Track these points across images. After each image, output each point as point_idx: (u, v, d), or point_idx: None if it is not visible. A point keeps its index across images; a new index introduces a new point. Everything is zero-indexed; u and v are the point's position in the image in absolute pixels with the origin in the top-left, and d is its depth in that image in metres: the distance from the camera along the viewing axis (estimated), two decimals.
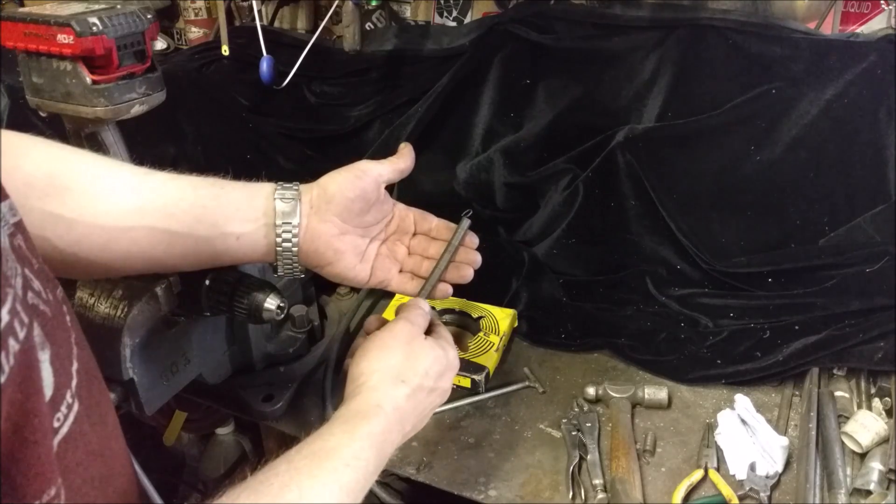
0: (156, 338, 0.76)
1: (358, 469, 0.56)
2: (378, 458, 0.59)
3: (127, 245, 0.62)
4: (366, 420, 0.60)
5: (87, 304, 0.73)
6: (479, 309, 1.05)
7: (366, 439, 0.59)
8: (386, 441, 0.61)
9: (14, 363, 0.35)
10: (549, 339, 1.04)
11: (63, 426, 0.41)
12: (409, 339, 0.69)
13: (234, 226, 0.66)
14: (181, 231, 0.64)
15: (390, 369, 0.66)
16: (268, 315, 0.75)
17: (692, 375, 0.95)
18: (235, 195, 0.67)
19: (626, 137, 1.12)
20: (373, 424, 0.60)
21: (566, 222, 1.15)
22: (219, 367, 0.90)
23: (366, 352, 0.68)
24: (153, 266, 0.67)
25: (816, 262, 1.03)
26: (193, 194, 0.66)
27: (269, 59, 1.21)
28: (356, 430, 0.59)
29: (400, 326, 0.70)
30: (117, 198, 0.62)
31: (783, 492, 0.79)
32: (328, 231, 0.69)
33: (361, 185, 0.70)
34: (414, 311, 0.72)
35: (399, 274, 0.78)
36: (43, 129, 1.22)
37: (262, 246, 0.68)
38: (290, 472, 0.53)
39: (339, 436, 0.58)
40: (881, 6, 1.06)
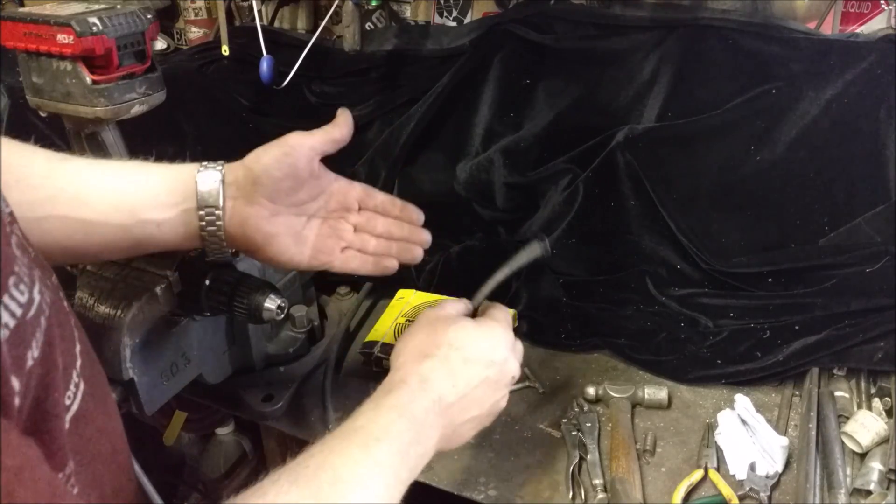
0: (156, 338, 0.76)
1: (391, 442, 0.55)
2: (413, 430, 0.57)
3: (40, 235, 0.59)
4: (390, 394, 0.59)
5: (87, 304, 0.73)
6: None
7: (392, 411, 0.57)
8: (417, 410, 0.59)
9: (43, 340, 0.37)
10: (549, 339, 1.04)
11: (73, 404, 0.42)
12: (433, 319, 0.67)
13: (153, 212, 0.63)
14: (97, 220, 0.61)
15: (413, 348, 0.65)
16: (268, 315, 0.75)
17: (692, 375, 0.95)
18: (154, 179, 0.64)
19: (626, 137, 1.12)
20: (397, 397, 0.59)
21: (566, 222, 1.15)
22: (219, 367, 0.90)
23: (397, 342, 0.67)
24: (72, 256, 0.64)
25: (816, 262, 1.03)
26: (111, 181, 0.63)
27: (269, 59, 1.21)
28: (381, 405, 0.58)
29: (425, 312, 0.69)
30: (27, 186, 0.60)
31: (783, 492, 0.79)
32: (256, 214, 0.65)
33: (290, 162, 0.66)
34: (443, 302, 0.70)
35: (343, 252, 0.73)
36: (43, 129, 1.22)
37: (185, 232, 0.64)
38: (323, 452, 0.53)
39: (367, 413, 0.57)
40: (881, 6, 1.06)
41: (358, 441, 0.54)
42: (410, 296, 1.10)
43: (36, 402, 0.37)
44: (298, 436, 0.91)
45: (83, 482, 0.43)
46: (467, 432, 0.65)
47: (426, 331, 0.66)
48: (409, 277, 1.14)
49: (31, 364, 0.35)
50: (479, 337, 0.66)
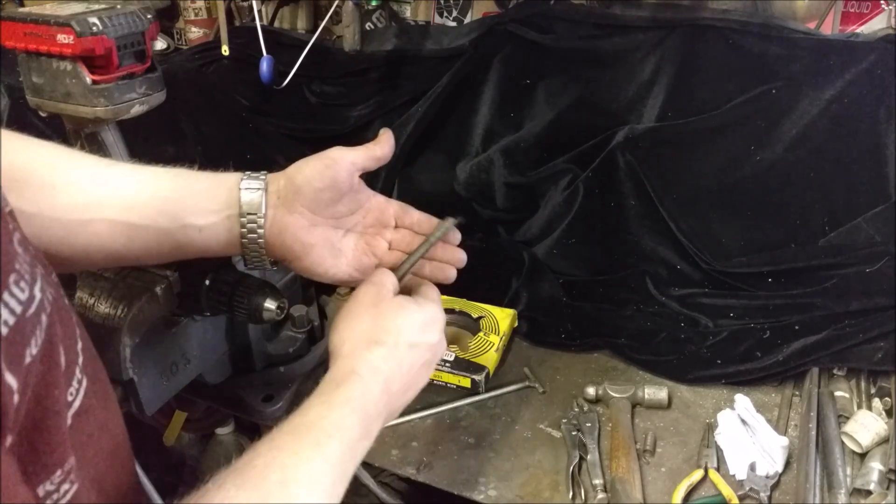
0: (156, 338, 0.76)
1: (342, 439, 0.54)
2: (363, 424, 0.57)
3: (86, 238, 0.60)
4: (341, 387, 0.58)
5: (87, 304, 0.73)
6: (478, 309, 1.04)
7: (345, 406, 0.56)
8: (369, 404, 0.58)
9: (44, 338, 0.37)
10: (549, 339, 1.04)
11: (76, 400, 0.42)
12: (376, 300, 0.65)
13: (197, 218, 0.63)
14: (141, 223, 0.62)
15: (361, 334, 0.63)
16: (268, 315, 0.75)
17: (692, 375, 0.95)
18: (199, 186, 0.64)
19: (626, 137, 1.12)
20: (350, 390, 0.58)
21: (566, 222, 1.15)
22: (219, 367, 0.90)
23: (336, 324, 0.65)
24: (114, 260, 0.64)
25: (816, 262, 1.03)
26: (155, 185, 0.63)
27: (269, 59, 1.21)
28: (333, 399, 0.57)
29: (363, 290, 0.67)
30: (76, 190, 0.60)
31: (783, 492, 0.79)
32: (296, 223, 0.66)
33: (331, 175, 0.66)
34: (378, 275, 0.68)
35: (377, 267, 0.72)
36: (43, 129, 1.22)
37: (227, 239, 0.64)
38: (271, 451, 0.51)
39: (318, 408, 0.56)
40: (881, 6, 1.06)
41: (309, 439, 0.53)
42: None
43: (36, 398, 0.37)
44: None
45: (84, 478, 0.43)
46: (400, 410, 0.65)
47: (371, 314, 0.64)
48: None
49: (29, 361, 0.36)
50: (422, 321, 0.66)
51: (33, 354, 0.36)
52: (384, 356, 0.62)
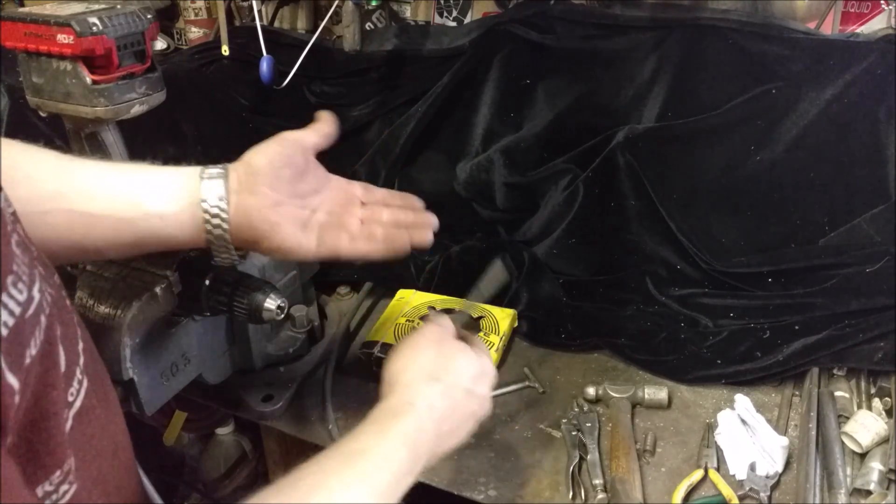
0: (156, 338, 0.76)
1: (391, 470, 0.54)
2: (412, 459, 0.57)
3: (45, 231, 0.59)
4: (397, 418, 0.58)
5: (87, 304, 0.73)
6: (479, 309, 1.04)
7: (398, 438, 0.57)
8: (420, 441, 0.58)
9: (43, 338, 0.37)
10: (549, 339, 1.04)
11: (76, 400, 0.42)
12: (440, 339, 0.67)
13: (158, 205, 0.63)
14: (101, 213, 0.62)
15: (423, 367, 0.64)
16: (268, 315, 0.75)
17: (692, 375, 0.95)
18: (160, 177, 0.65)
19: (626, 137, 1.12)
20: (405, 423, 0.58)
21: (566, 222, 1.15)
22: (219, 367, 0.90)
23: (398, 353, 0.66)
24: (75, 251, 0.64)
25: (816, 262, 1.03)
26: (115, 176, 0.64)
27: (269, 59, 1.21)
28: (388, 430, 0.57)
29: (430, 328, 0.69)
30: (34, 183, 0.61)
31: (783, 492, 0.79)
32: (260, 203, 0.66)
33: (287, 153, 0.67)
34: (441, 317, 0.71)
35: (351, 241, 0.72)
36: (43, 129, 1.22)
37: (190, 227, 0.64)
38: (319, 473, 0.52)
39: (371, 436, 0.57)
40: (881, 6, 1.06)
41: (358, 467, 0.53)
42: (410, 296, 1.09)
43: (35, 399, 0.37)
44: (298, 436, 0.91)
45: (84, 478, 0.43)
46: (441, 455, 0.65)
47: (434, 351, 0.66)
48: (409, 277, 1.14)
49: (29, 362, 0.36)
50: (479, 370, 0.67)
51: (32, 355, 0.36)
52: (441, 393, 0.62)
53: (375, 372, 0.94)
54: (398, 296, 1.10)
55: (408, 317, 1.04)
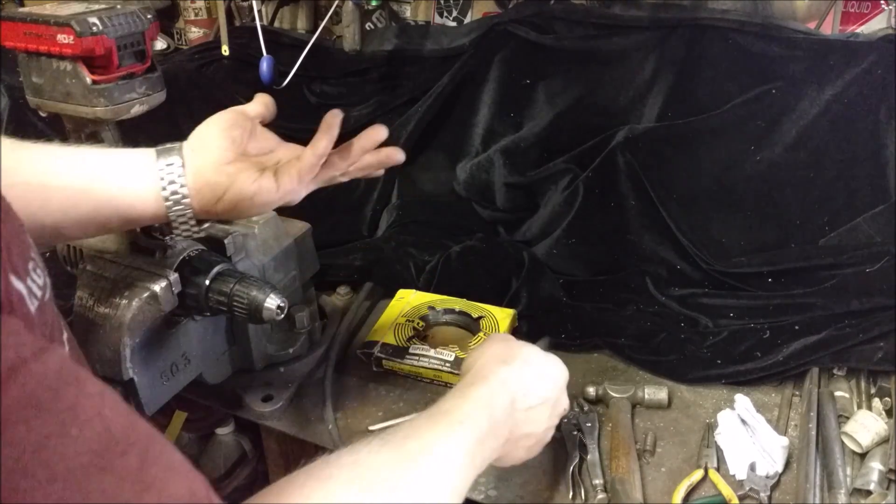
0: (156, 338, 0.76)
1: (472, 427, 0.59)
2: (490, 422, 0.61)
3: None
4: (472, 386, 0.64)
5: (87, 304, 0.73)
6: (478, 309, 1.04)
7: (476, 402, 0.62)
8: (496, 406, 0.63)
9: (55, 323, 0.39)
10: (550, 339, 1.04)
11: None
12: (505, 337, 0.76)
13: (114, 175, 0.65)
14: (57, 184, 0.63)
15: (491, 355, 0.70)
16: (268, 315, 0.75)
17: (692, 375, 0.95)
18: (116, 153, 0.67)
19: (626, 137, 1.12)
20: (479, 389, 0.64)
21: (566, 222, 1.15)
22: (219, 367, 0.90)
23: (470, 353, 0.73)
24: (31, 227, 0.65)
25: (816, 262, 1.03)
26: (72, 151, 0.66)
27: (269, 59, 1.21)
28: (465, 394, 0.63)
29: (495, 335, 0.78)
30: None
31: (783, 492, 0.79)
32: (214, 159, 0.68)
33: (231, 117, 0.71)
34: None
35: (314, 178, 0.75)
36: (43, 129, 1.22)
37: (148, 195, 0.66)
38: (412, 427, 0.57)
39: (452, 400, 0.62)
40: (881, 6, 1.06)
41: (444, 422, 0.59)
42: (410, 295, 1.09)
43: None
44: (298, 436, 0.91)
45: None
46: (522, 449, 0.69)
47: (501, 344, 0.72)
48: (409, 277, 1.14)
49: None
50: (548, 363, 0.72)
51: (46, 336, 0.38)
52: (510, 371, 0.67)
53: (375, 372, 0.94)
54: (398, 296, 1.10)
55: (408, 317, 1.04)
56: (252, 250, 0.89)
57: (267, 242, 0.92)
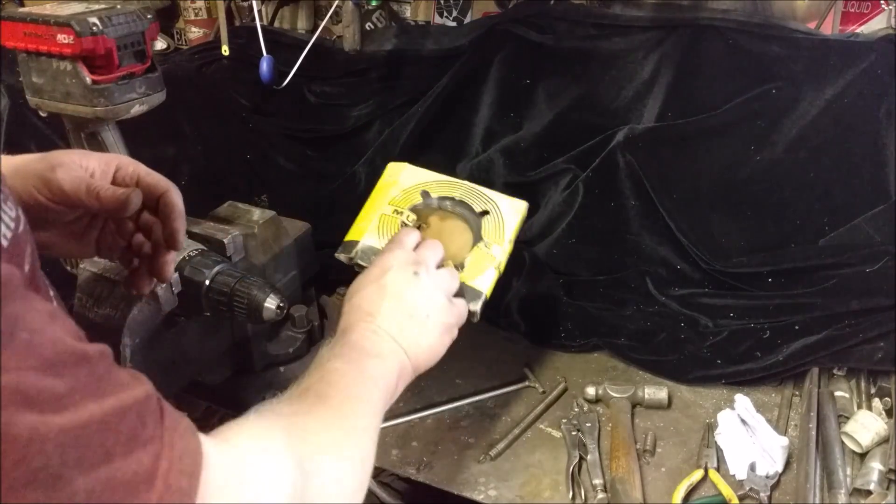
0: (156, 338, 0.76)
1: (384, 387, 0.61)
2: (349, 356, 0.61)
3: None
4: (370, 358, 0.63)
5: (87, 304, 0.73)
6: (482, 199, 0.86)
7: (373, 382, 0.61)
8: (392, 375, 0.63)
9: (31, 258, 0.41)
10: (549, 339, 1.04)
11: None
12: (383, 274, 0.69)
13: None
14: None
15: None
16: (268, 315, 0.75)
17: (692, 375, 0.95)
18: None
19: (626, 137, 1.12)
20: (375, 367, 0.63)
21: (566, 222, 1.15)
22: (219, 367, 0.90)
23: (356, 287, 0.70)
24: None
25: (816, 262, 1.03)
26: None
27: (269, 59, 1.21)
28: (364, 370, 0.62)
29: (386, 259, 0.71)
30: None
31: (783, 492, 0.79)
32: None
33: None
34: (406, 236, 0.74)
35: (124, 254, 0.69)
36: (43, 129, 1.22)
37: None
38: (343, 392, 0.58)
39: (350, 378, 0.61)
40: (881, 6, 1.06)
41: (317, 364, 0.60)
42: (401, 173, 0.87)
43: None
44: None
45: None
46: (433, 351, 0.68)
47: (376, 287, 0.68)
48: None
49: (26, 275, 0.38)
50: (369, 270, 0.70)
51: (26, 271, 0.38)
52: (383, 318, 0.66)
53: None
54: (387, 173, 0.88)
55: (396, 206, 0.84)
56: (252, 250, 0.89)
57: (267, 242, 0.92)
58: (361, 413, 0.57)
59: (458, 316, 0.72)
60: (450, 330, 0.70)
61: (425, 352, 0.67)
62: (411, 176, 0.87)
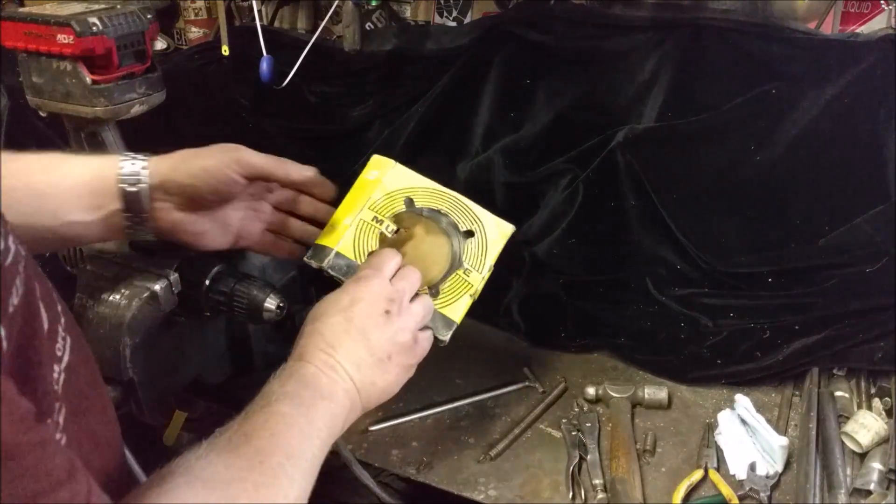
0: (156, 338, 0.76)
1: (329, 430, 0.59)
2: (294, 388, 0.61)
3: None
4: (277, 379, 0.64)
5: (87, 304, 0.73)
6: (470, 216, 0.81)
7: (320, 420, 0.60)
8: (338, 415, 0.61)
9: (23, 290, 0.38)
10: (549, 339, 1.04)
11: (64, 355, 0.44)
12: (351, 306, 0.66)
13: (78, 215, 0.64)
14: (21, 222, 0.61)
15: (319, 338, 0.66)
16: (268, 315, 0.75)
17: (692, 375, 0.95)
18: (73, 179, 0.64)
19: (626, 137, 1.12)
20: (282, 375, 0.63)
21: (566, 222, 1.15)
22: (219, 367, 0.90)
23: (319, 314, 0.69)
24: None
25: (816, 262, 1.03)
26: (26, 181, 0.63)
27: (269, 59, 1.21)
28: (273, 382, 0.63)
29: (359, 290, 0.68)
30: None
31: (783, 492, 0.79)
32: (185, 219, 0.68)
33: (213, 183, 0.68)
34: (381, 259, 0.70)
35: (262, 233, 0.77)
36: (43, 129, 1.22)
37: (113, 230, 0.66)
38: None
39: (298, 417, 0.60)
40: (881, 6, 1.06)
41: (260, 406, 0.60)
42: (387, 172, 0.80)
43: (18, 349, 0.37)
44: None
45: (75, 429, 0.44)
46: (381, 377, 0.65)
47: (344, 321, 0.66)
48: None
49: (11, 311, 0.37)
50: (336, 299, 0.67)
51: (15, 304, 0.37)
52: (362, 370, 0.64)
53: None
54: (370, 167, 0.81)
55: (376, 211, 0.78)
56: None
57: None
58: (299, 473, 0.54)
59: (421, 354, 0.70)
60: (409, 370, 0.68)
61: (379, 392, 0.65)
62: (397, 178, 0.81)
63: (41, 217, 0.63)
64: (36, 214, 0.63)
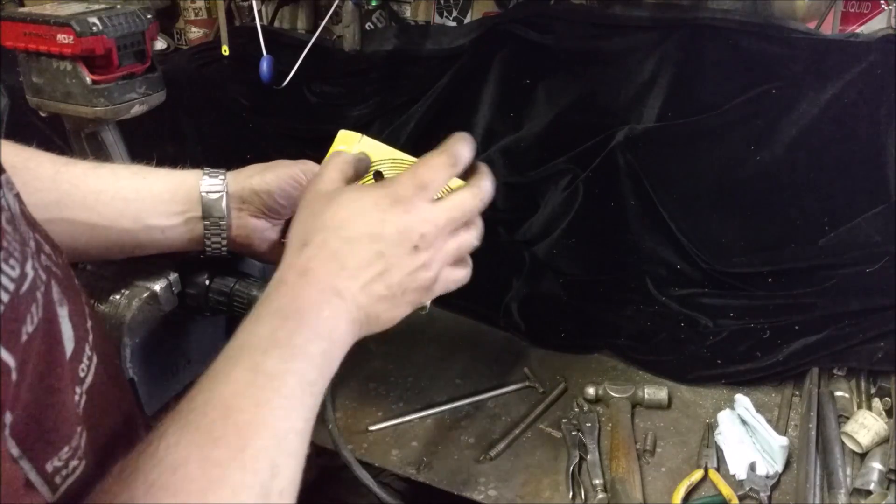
0: (156, 338, 0.76)
1: (281, 349, 0.50)
2: (306, 328, 0.51)
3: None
4: (267, 299, 0.53)
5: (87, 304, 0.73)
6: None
7: (274, 316, 0.52)
8: (304, 306, 0.52)
9: (41, 315, 0.38)
10: (549, 339, 1.04)
11: (88, 376, 0.44)
12: (312, 197, 0.58)
13: (158, 219, 0.66)
14: (103, 224, 0.64)
15: (293, 237, 0.56)
16: None
17: (692, 375, 0.95)
18: (159, 186, 0.67)
19: (626, 137, 1.12)
20: (277, 299, 0.53)
21: (566, 222, 1.15)
22: None
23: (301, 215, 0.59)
24: (76, 256, 0.66)
25: (816, 262, 1.03)
26: (114, 186, 0.65)
27: (269, 59, 1.21)
28: (260, 315, 0.53)
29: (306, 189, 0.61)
30: (34, 193, 0.60)
31: (783, 492, 0.79)
32: (261, 226, 0.69)
33: (292, 194, 0.68)
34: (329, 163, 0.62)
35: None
36: (43, 129, 1.22)
37: (189, 238, 0.68)
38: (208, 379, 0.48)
39: (246, 328, 0.53)
40: (881, 6, 1.06)
41: (244, 362, 0.48)
42: (353, 145, 0.76)
43: (39, 376, 0.37)
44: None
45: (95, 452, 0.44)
46: (389, 311, 0.56)
47: (309, 211, 0.57)
48: None
49: (25, 339, 0.36)
50: (362, 210, 0.55)
51: (30, 332, 0.37)
52: (310, 256, 0.54)
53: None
54: (338, 142, 0.76)
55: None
56: None
57: None
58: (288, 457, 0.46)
59: (439, 292, 0.61)
60: (417, 304, 0.59)
61: (380, 326, 0.56)
62: (364, 149, 0.76)
63: (123, 220, 0.65)
64: (120, 218, 0.64)
